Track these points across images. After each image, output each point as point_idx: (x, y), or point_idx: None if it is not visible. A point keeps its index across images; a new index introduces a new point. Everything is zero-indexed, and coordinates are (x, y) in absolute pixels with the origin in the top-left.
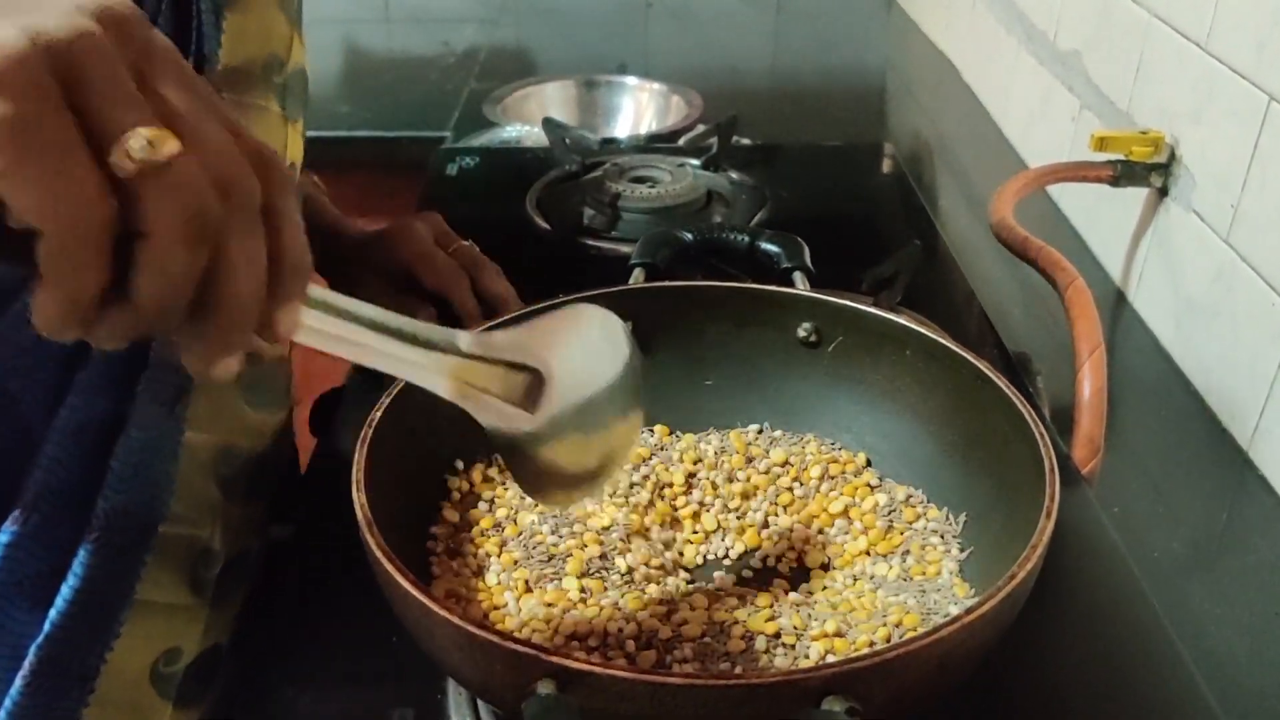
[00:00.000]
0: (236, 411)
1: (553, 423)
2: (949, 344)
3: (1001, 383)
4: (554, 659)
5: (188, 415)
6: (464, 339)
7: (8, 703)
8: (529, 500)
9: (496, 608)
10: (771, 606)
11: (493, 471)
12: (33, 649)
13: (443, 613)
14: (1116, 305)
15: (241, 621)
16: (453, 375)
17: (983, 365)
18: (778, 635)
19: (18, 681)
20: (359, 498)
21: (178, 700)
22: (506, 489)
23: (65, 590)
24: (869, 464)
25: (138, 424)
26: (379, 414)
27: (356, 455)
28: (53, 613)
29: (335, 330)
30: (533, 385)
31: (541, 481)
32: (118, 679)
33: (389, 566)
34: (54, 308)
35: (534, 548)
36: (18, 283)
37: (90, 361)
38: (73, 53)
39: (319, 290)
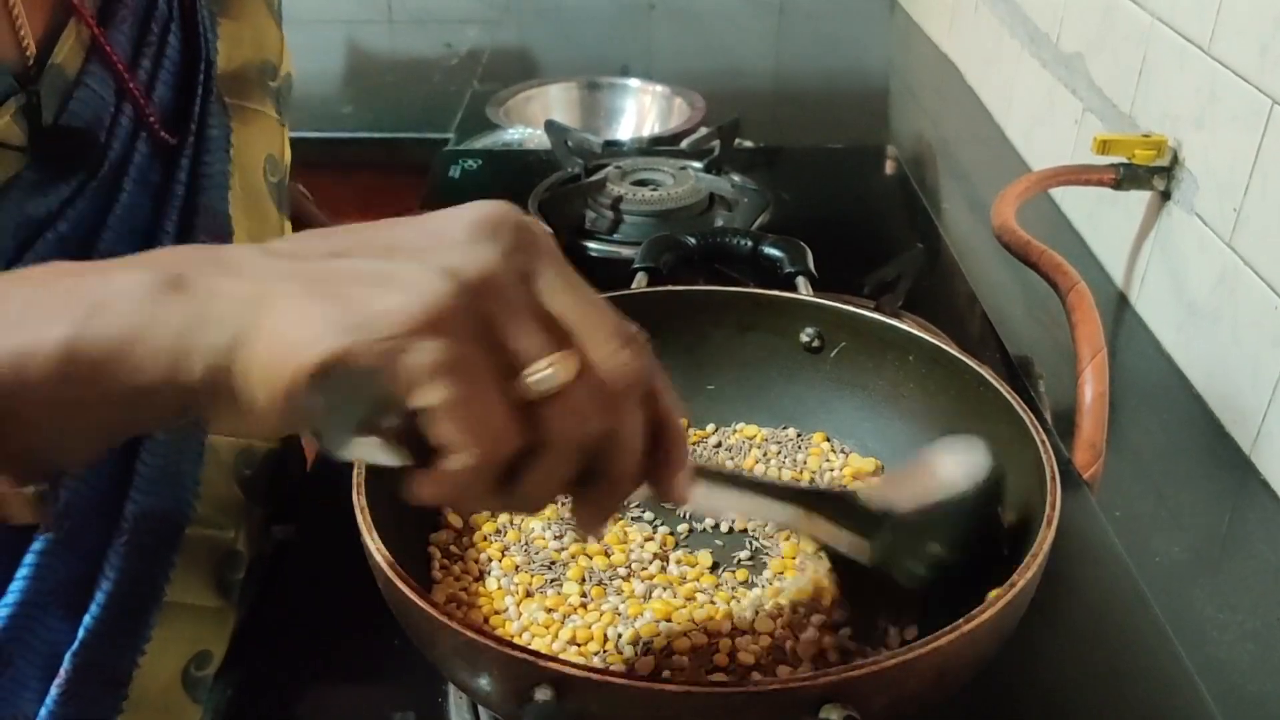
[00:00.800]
0: None
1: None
2: (951, 349)
3: (1003, 389)
4: (552, 665)
5: None
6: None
7: (44, 711)
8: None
9: (497, 612)
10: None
11: None
12: (68, 656)
13: (443, 618)
14: (1119, 308)
15: (243, 624)
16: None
17: (985, 371)
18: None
19: (53, 690)
20: (359, 501)
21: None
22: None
23: (98, 595)
24: (881, 470)
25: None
26: None
27: (357, 462)
28: (86, 618)
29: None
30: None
31: None
32: (150, 684)
33: (390, 572)
34: (438, 497)
35: (535, 553)
36: None
37: None
38: (484, 291)
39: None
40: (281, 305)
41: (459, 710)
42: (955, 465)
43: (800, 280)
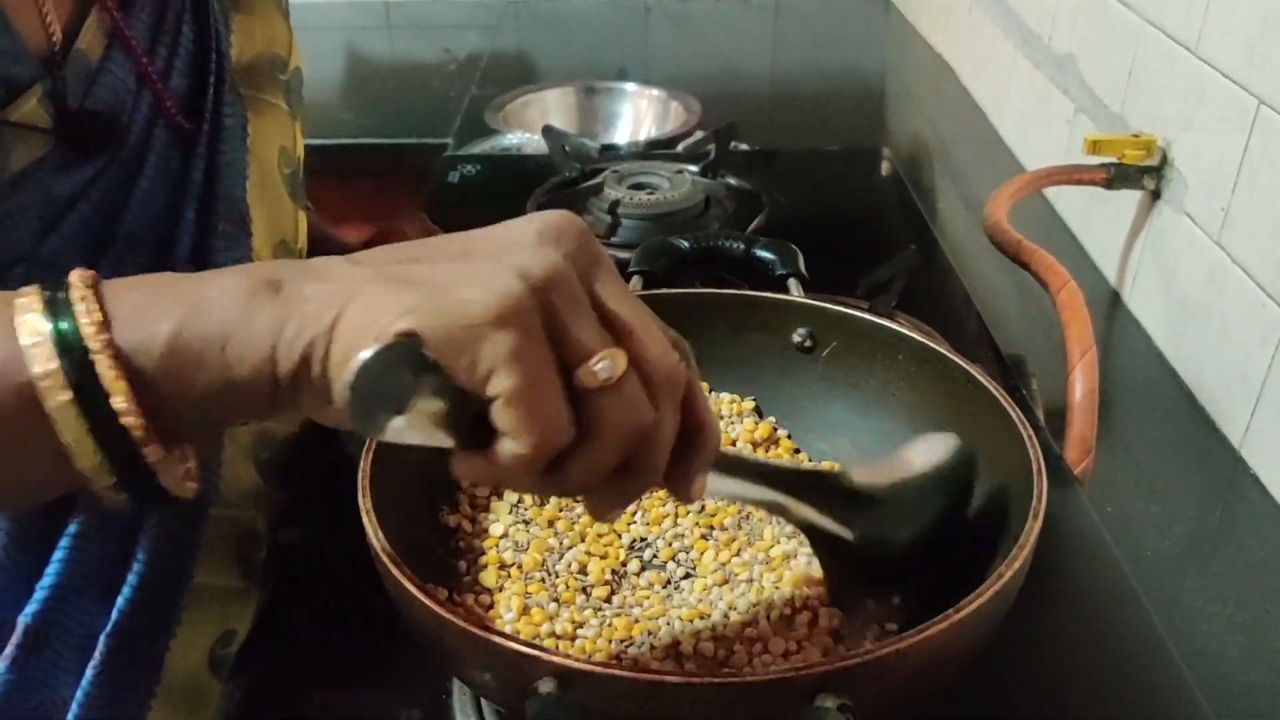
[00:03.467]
0: None
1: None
2: (940, 349)
3: (991, 386)
4: (555, 659)
5: None
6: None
7: (79, 694)
8: (526, 508)
9: (497, 609)
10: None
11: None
12: (102, 639)
13: (447, 615)
14: (1111, 306)
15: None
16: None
17: (973, 369)
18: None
19: (89, 673)
20: (365, 503)
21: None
22: (510, 496)
23: (130, 578)
24: None
25: None
26: None
27: (362, 461)
28: (120, 601)
29: (731, 488)
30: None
31: None
32: (181, 664)
33: (395, 570)
34: (487, 479)
35: (538, 554)
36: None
37: None
38: (550, 289)
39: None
40: (365, 298)
41: (463, 708)
42: (929, 449)
43: (792, 282)
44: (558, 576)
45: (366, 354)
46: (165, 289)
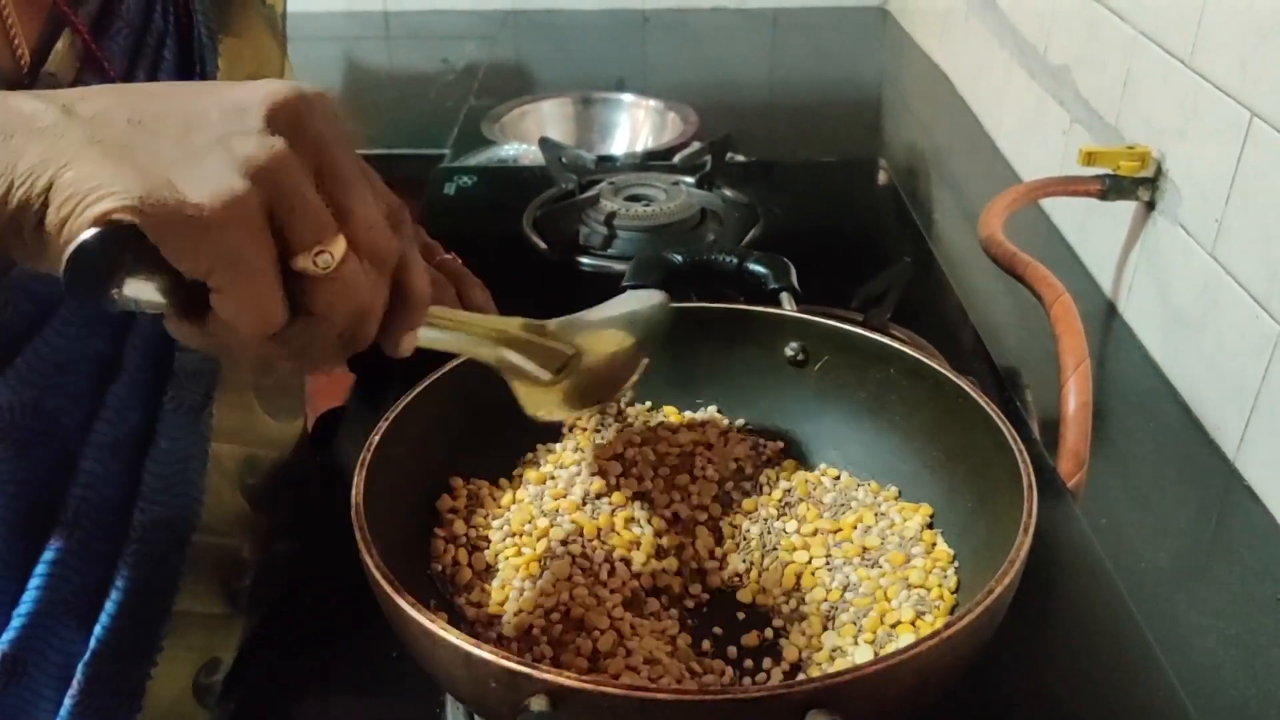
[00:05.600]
0: (257, 422)
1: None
2: (931, 362)
3: (982, 400)
4: (547, 676)
5: (213, 426)
6: (515, 324)
7: None
8: (521, 519)
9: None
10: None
11: (485, 491)
12: (80, 667)
13: (440, 631)
14: (1107, 317)
15: (246, 636)
16: (498, 359)
17: (964, 383)
18: (762, 645)
19: (67, 701)
20: (358, 519)
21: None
22: (500, 512)
23: (109, 605)
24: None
25: (166, 435)
26: (377, 436)
27: (356, 478)
28: (98, 628)
29: (433, 338)
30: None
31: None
32: (163, 693)
33: (387, 586)
34: (201, 346)
35: (529, 570)
36: (55, 297)
37: (121, 374)
38: (274, 181)
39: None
40: (80, 165)
41: None
42: (634, 317)
43: (784, 296)
44: (556, 585)
45: (85, 236)
46: None
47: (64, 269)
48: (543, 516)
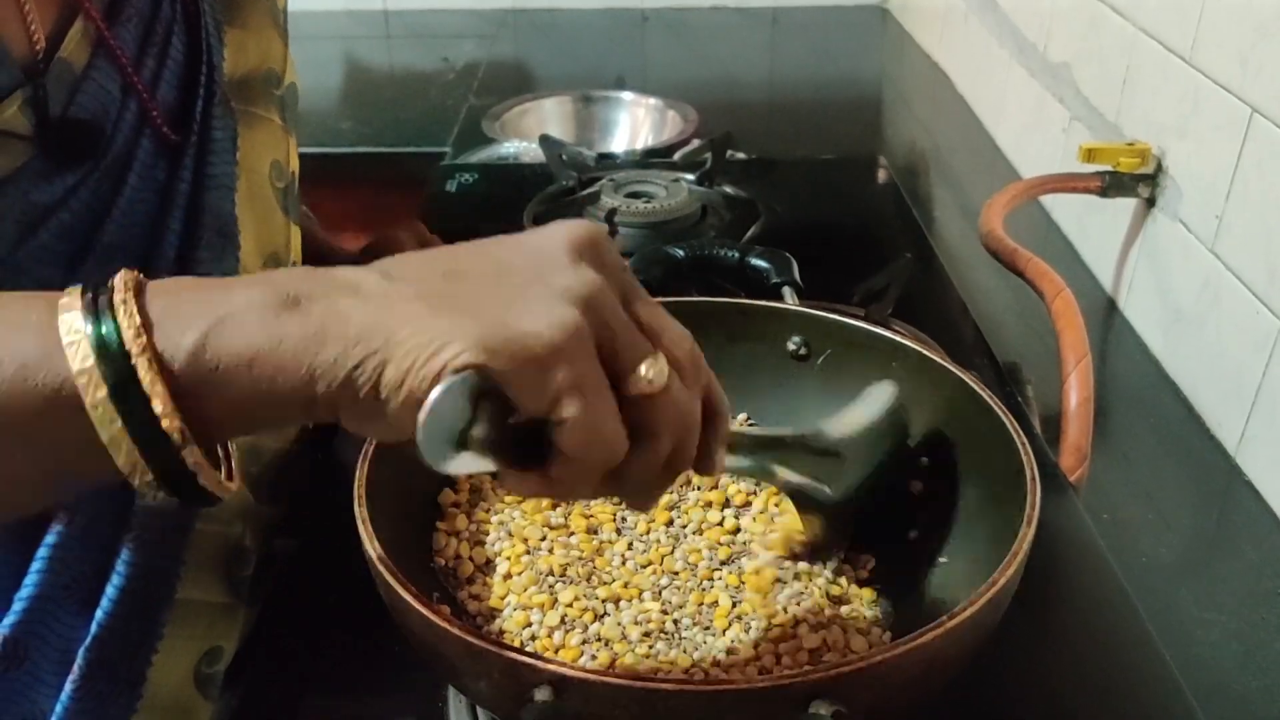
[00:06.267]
0: None
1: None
2: (933, 356)
3: (984, 393)
4: (551, 667)
5: None
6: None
7: (58, 708)
8: (518, 517)
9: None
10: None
11: (488, 485)
12: (81, 652)
13: (444, 624)
14: (1108, 314)
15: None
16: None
17: (966, 377)
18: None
19: (68, 686)
20: (361, 512)
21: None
22: (502, 506)
23: (110, 590)
24: None
25: None
26: None
27: (358, 471)
28: (99, 613)
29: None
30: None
31: None
32: (165, 681)
33: (390, 578)
34: (538, 494)
35: (530, 563)
36: (56, 281)
37: None
38: (598, 309)
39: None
40: (416, 321)
41: (459, 715)
42: (868, 404)
43: (786, 290)
44: (557, 579)
45: (438, 391)
46: (190, 293)
47: (421, 429)
48: (544, 511)
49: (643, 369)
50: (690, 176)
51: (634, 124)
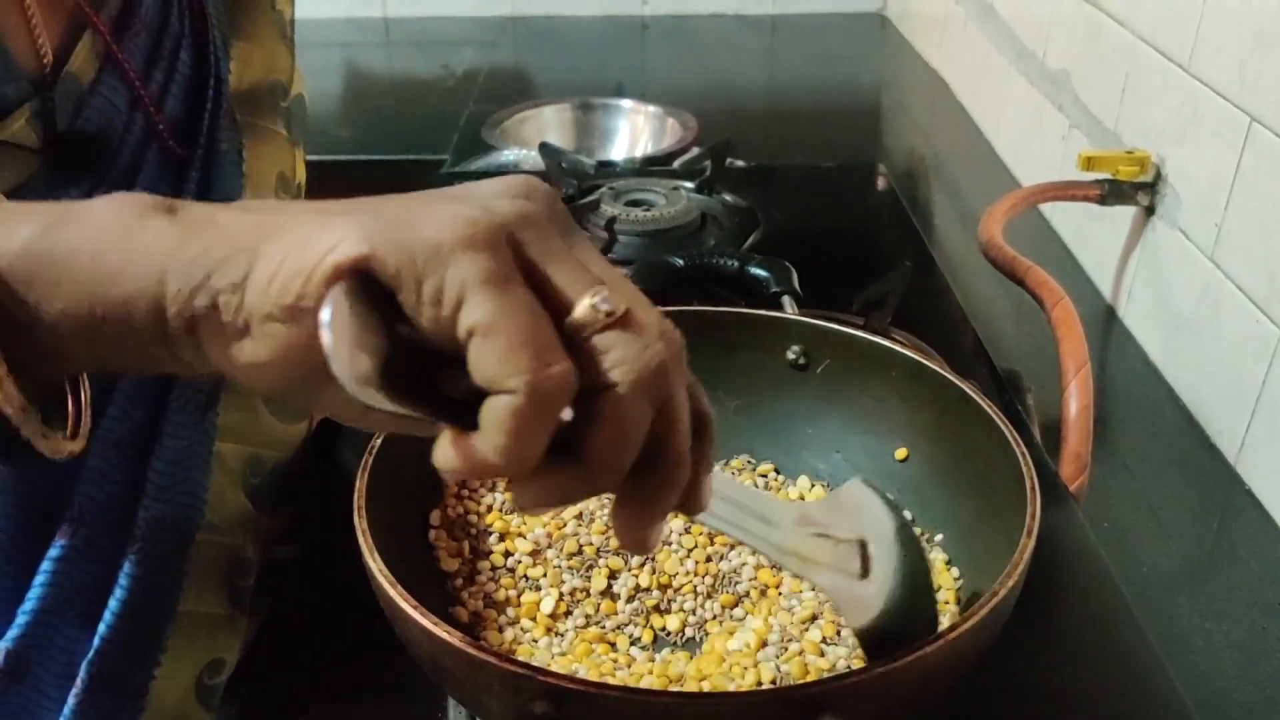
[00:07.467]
0: (262, 422)
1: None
2: (933, 365)
3: (984, 403)
4: (550, 679)
5: (218, 425)
6: (789, 513)
7: None
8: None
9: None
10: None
11: (487, 496)
12: (83, 666)
13: (444, 635)
14: (1107, 322)
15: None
16: (793, 552)
17: (966, 386)
18: (765, 645)
19: (70, 700)
20: (360, 523)
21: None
22: (502, 517)
23: (113, 604)
24: None
25: (172, 433)
26: (379, 440)
27: (358, 482)
28: (102, 627)
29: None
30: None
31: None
32: (167, 694)
33: (390, 589)
34: (472, 468)
35: (522, 577)
36: None
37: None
38: (521, 226)
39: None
40: (299, 226)
41: None
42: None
43: (786, 299)
44: (554, 587)
45: (320, 282)
46: (43, 204)
47: (326, 330)
48: (545, 523)
49: (588, 296)
50: (689, 184)
51: (633, 132)
